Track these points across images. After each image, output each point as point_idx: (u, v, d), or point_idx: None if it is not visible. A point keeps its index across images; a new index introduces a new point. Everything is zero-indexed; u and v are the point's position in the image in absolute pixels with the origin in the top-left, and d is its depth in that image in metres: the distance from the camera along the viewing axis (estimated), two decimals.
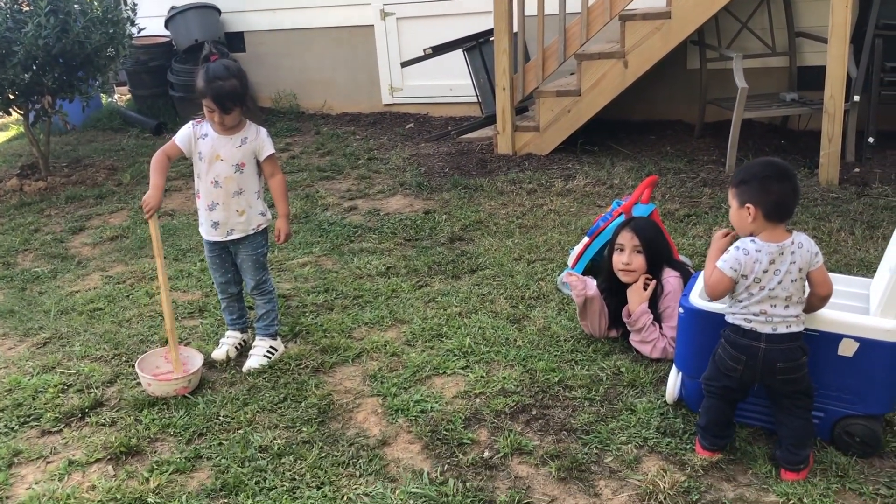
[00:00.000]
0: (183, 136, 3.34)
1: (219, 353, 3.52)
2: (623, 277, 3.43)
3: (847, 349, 2.59)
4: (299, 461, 2.76)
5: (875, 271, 3.09)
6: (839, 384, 2.63)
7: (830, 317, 2.60)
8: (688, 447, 2.74)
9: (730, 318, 2.60)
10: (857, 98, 5.65)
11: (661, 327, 3.34)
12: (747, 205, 2.56)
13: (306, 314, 3.93)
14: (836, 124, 5.30)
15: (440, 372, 3.31)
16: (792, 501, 2.47)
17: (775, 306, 2.51)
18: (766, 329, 2.51)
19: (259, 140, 3.34)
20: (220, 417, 3.07)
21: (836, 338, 2.59)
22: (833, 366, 2.62)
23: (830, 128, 5.31)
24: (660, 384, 3.10)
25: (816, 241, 4.45)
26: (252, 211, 3.39)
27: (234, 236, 3.40)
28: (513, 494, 2.52)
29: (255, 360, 3.44)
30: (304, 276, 4.42)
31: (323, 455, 2.78)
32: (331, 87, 8.56)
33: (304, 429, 2.94)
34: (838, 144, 5.37)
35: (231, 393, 3.25)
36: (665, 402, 2.98)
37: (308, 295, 4.15)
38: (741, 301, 2.56)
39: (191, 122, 3.35)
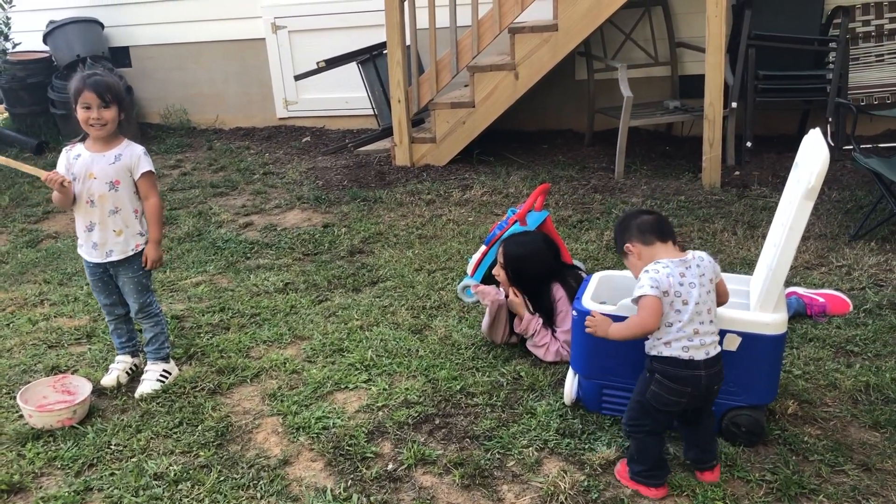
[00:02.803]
0: (60, 164, 3.24)
1: (108, 380, 3.37)
2: (501, 287, 3.55)
3: (731, 344, 2.71)
4: (197, 486, 2.67)
5: (755, 269, 3.25)
6: (725, 378, 2.74)
7: None
8: (586, 447, 2.80)
9: (664, 352, 2.52)
10: (734, 105, 5.96)
11: (553, 331, 3.42)
12: (626, 245, 2.65)
13: (201, 335, 3.82)
14: (716, 130, 5.56)
15: (342, 387, 3.28)
16: (686, 493, 2.56)
17: (703, 323, 2.51)
18: (701, 355, 2.50)
19: (133, 157, 3.20)
20: (112, 446, 2.94)
21: (721, 333, 2.70)
22: None
23: (711, 133, 5.57)
24: (558, 386, 3.16)
25: (702, 242, 4.69)
26: (129, 231, 3.25)
27: (114, 258, 3.26)
28: None
29: (147, 384, 3.31)
30: (197, 296, 4.30)
31: (222, 479, 2.71)
32: (223, 101, 8.38)
33: (202, 453, 2.85)
34: (719, 149, 5.63)
35: (123, 420, 3.12)
36: (563, 403, 3.04)
37: (203, 315, 4.03)
38: (671, 325, 2.51)
39: (64, 149, 3.26)
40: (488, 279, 4.03)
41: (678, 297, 2.50)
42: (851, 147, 4.86)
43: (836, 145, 6.10)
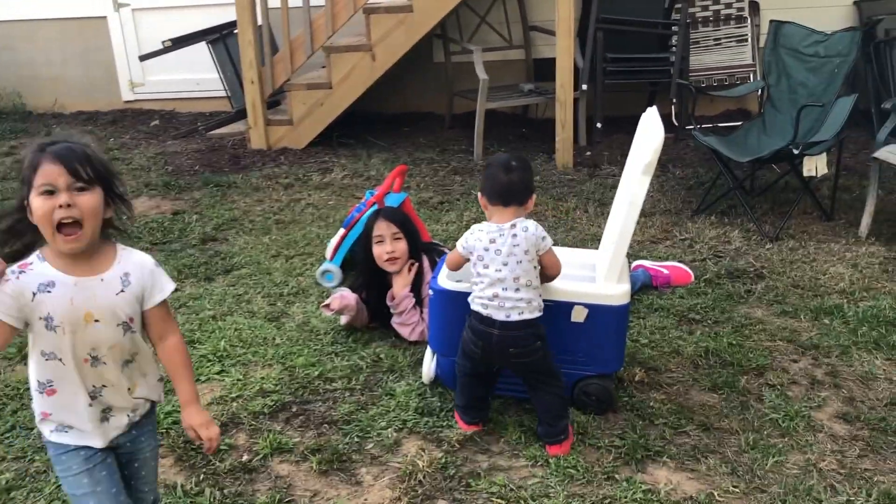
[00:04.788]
0: (3, 301, 1.74)
1: None
2: (389, 267, 3.46)
3: (579, 315, 2.80)
4: (33, 493, 2.49)
5: (600, 243, 3.37)
6: (575, 348, 2.83)
7: (562, 287, 2.79)
8: (444, 424, 2.82)
9: (472, 305, 2.67)
10: (584, 87, 6.15)
11: (421, 311, 3.41)
12: (479, 195, 2.75)
13: None
14: (568, 112, 5.73)
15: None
16: (539, 463, 2.63)
17: (506, 289, 2.59)
18: (501, 316, 2.60)
19: (145, 272, 1.87)
20: None
21: (569, 306, 2.78)
22: (568, 332, 2.81)
23: (563, 115, 5.73)
24: (417, 366, 3.16)
25: (555, 220, 4.83)
26: (149, 379, 1.99)
27: (136, 418, 1.98)
28: (273, 495, 2.46)
29: None
30: None
31: (60, 485, 2.53)
32: (62, 83, 7.85)
33: (38, 458, 2.66)
34: (570, 130, 5.81)
35: None
36: (423, 382, 3.05)
37: None
38: (476, 284, 2.66)
39: (8, 271, 1.76)
40: (347, 262, 3.98)
41: (480, 260, 2.65)
42: (692, 126, 5.12)
43: (679, 125, 6.43)
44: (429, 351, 3.07)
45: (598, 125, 6.36)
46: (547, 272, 2.71)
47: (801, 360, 3.25)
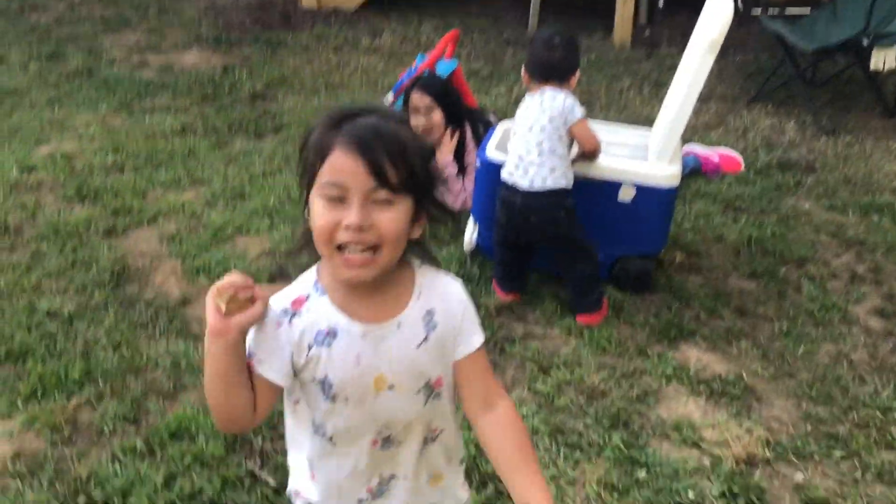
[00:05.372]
0: (267, 344, 1.19)
1: None
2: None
3: (626, 195, 2.80)
4: (93, 325, 2.64)
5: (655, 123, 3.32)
6: (619, 227, 2.85)
7: (611, 165, 2.79)
8: (483, 292, 2.90)
9: (501, 174, 2.72)
10: None
11: (464, 180, 3.43)
12: (522, 71, 2.79)
13: (94, 175, 3.65)
14: None
15: (243, 232, 3.24)
16: (574, 334, 2.71)
17: (530, 152, 2.63)
18: (525, 184, 2.63)
19: (453, 305, 1.27)
20: (0, 286, 2.85)
21: (617, 184, 2.78)
22: (613, 210, 2.82)
23: None
24: (459, 235, 3.21)
25: (608, 100, 4.73)
26: (454, 465, 1.41)
27: None
28: None
29: None
30: (89, 136, 4.09)
31: (119, 318, 2.68)
32: None
33: (97, 293, 2.80)
34: (631, 7, 5.59)
35: (12, 259, 3.01)
36: (463, 251, 3.11)
37: (95, 155, 3.85)
38: (508, 152, 2.73)
39: (277, 308, 1.20)
40: None
41: (514, 125, 2.72)
42: (759, 10, 4.90)
43: (744, 9, 6.15)
44: (471, 220, 3.11)
45: (661, 4, 6.11)
46: (583, 147, 2.70)
47: (845, 254, 3.24)
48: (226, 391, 1.15)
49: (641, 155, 3.04)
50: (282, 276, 1.28)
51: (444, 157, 3.42)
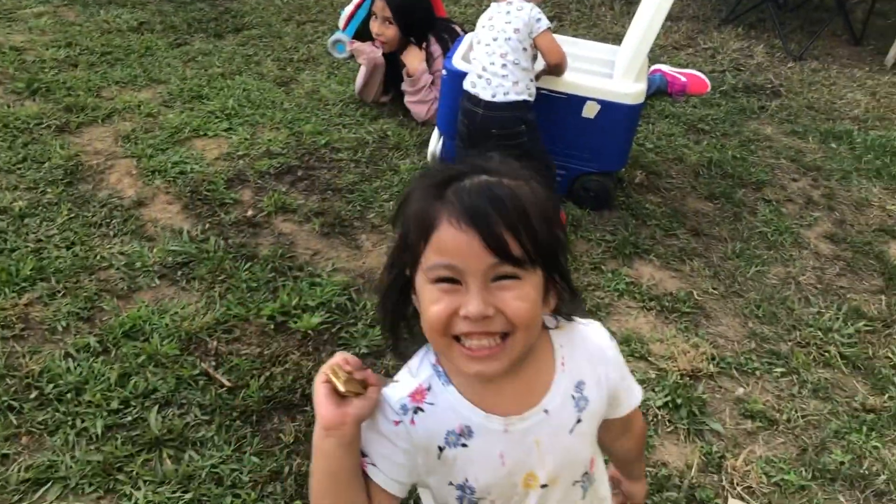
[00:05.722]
0: (377, 447, 1.00)
1: None
2: (380, 47, 3.41)
3: (590, 111, 2.79)
4: (46, 222, 2.59)
5: (623, 40, 3.28)
6: (581, 144, 2.85)
7: (577, 80, 2.76)
8: None
9: (464, 83, 2.68)
10: None
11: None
12: None
13: (45, 70, 3.52)
14: None
15: (201, 134, 3.17)
16: None
17: (493, 63, 2.59)
18: (487, 95, 2.60)
19: (603, 366, 1.08)
20: None
21: (582, 100, 2.76)
22: (577, 127, 2.81)
23: None
24: (423, 146, 3.19)
25: (578, 15, 4.66)
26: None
27: None
28: (275, 249, 2.57)
29: None
30: (40, 28, 3.91)
31: (72, 216, 2.63)
32: None
33: (50, 190, 2.74)
34: None
35: None
36: (427, 162, 3.09)
37: (46, 49, 3.70)
38: (471, 63, 2.69)
39: (394, 402, 1.01)
40: (359, 34, 3.87)
41: (477, 41, 2.67)
42: None
43: None
44: (436, 131, 3.08)
45: None
46: (546, 58, 2.67)
47: (801, 179, 3.29)
48: (336, 493, 0.96)
49: (607, 72, 3.01)
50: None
51: (417, 65, 3.36)
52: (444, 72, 2.92)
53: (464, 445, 0.99)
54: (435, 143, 3.06)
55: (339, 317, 2.31)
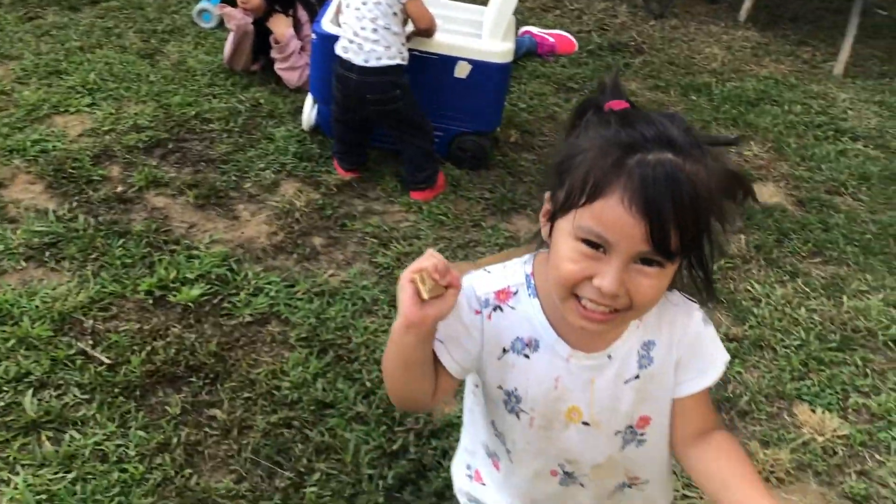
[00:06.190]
0: (454, 328, 1.04)
1: None
2: (244, 12, 3.34)
3: (462, 71, 2.83)
4: None
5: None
6: (455, 104, 2.89)
7: (446, 41, 2.80)
8: (323, 169, 2.88)
9: (335, 49, 2.67)
10: None
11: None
12: None
13: None
14: None
15: (61, 110, 3.02)
16: (413, 210, 2.77)
17: (364, 28, 2.59)
18: (359, 60, 2.60)
19: (685, 340, 1.08)
20: None
21: (453, 60, 2.80)
22: (450, 87, 2.85)
23: None
24: (297, 113, 3.15)
25: None
26: None
27: None
28: (149, 224, 2.49)
29: None
30: None
31: None
32: None
33: None
34: None
35: None
36: (302, 129, 3.06)
37: None
38: (341, 27, 2.66)
39: (480, 295, 1.06)
40: (227, 1, 3.77)
41: (347, 5, 2.64)
42: None
43: None
44: (309, 98, 3.05)
45: None
46: (416, 24, 2.69)
47: None
48: (408, 380, 1.02)
49: (476, 32, 3.06)
50: None
51: (285, 31, 3.31)
52: (313, 36, 2.89)
53: (526, 356, 1.03)
54: (309, 110, 3.04)
55: (221, 287, 2.28)
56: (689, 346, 1.05)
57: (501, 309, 1.03)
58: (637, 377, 1.04)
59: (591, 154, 0.91)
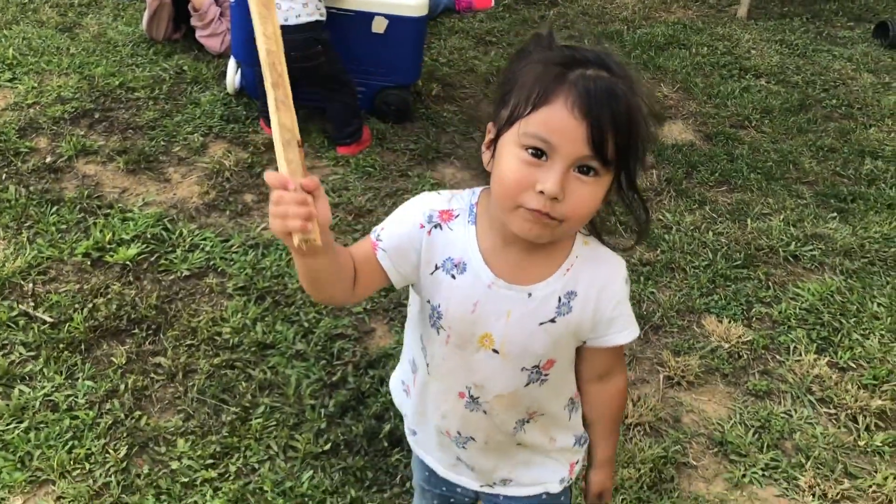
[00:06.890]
0: (398, 238, 1.11)
1: None
2: None
3: (379, 26, 2.92)
4: None
5: None
6: (376, 59, 2.98)
7: None
8: (250, 130, 2.95)
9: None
10: None
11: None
12: None
13: None
14: None
15: None
16: (341, 164, 2.86)
17: None
18: (280, 19, 2.66)
19: (604, 296, 1.12)
20: None
21: (370, 16, 2.89)
22: (369, 43, 2.94)
23: None
24: (222, 78, 3.20)
25: None
26: (559, 442, 1.26)
27: (510, 491, 1.29)
28: (81, 191, 2.54)
29: None
30: None
31: None
32: None
33: None
34: None
35: None
36: (227, 93, 3.12)
37: None
38: None
39: (426, 214, 1.11)
40: None
41: None
42: None
43: None
44: (232, 62, 3.10)
45: None
46: None
47: None
48: (322, 288, 1.05)
49: None
50: None
51: None
52: (232, 0, 2.94)
53: (453, 276, 1.08)
54: (233, 73, 3.09)
55: (157, 246, 2.36)
56: (609, 303, 1.11)
57: (441, 228, 1.09)
58: (553, 321, 1.09)
59: (537, 70, 0.98)
